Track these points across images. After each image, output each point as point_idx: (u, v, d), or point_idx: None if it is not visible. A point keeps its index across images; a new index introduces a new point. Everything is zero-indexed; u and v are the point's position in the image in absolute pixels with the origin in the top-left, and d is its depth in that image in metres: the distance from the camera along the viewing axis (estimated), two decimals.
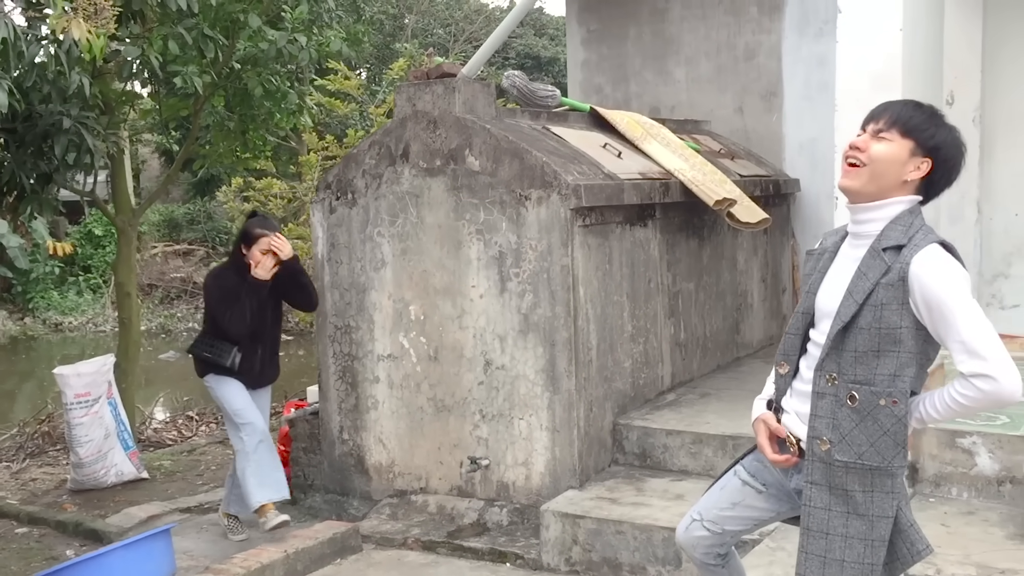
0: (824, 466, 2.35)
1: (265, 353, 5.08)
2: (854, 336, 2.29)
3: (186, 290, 17.91)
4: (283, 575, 4.59)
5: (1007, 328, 5.85)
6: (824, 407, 2.34)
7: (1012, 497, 4.08)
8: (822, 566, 2.33)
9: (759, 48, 7.21)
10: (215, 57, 5.87)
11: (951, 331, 2.23)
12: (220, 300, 4.89)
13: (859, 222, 2.37)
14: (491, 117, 5.14)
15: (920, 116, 2.33)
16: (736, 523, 2.62)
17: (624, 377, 5.23)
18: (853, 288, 2.31)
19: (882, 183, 2.31)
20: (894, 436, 2.30)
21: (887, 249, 2.28)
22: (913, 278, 2.24)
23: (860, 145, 2.33)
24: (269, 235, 4.90)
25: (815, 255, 2.49)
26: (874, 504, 2.31)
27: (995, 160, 5.81)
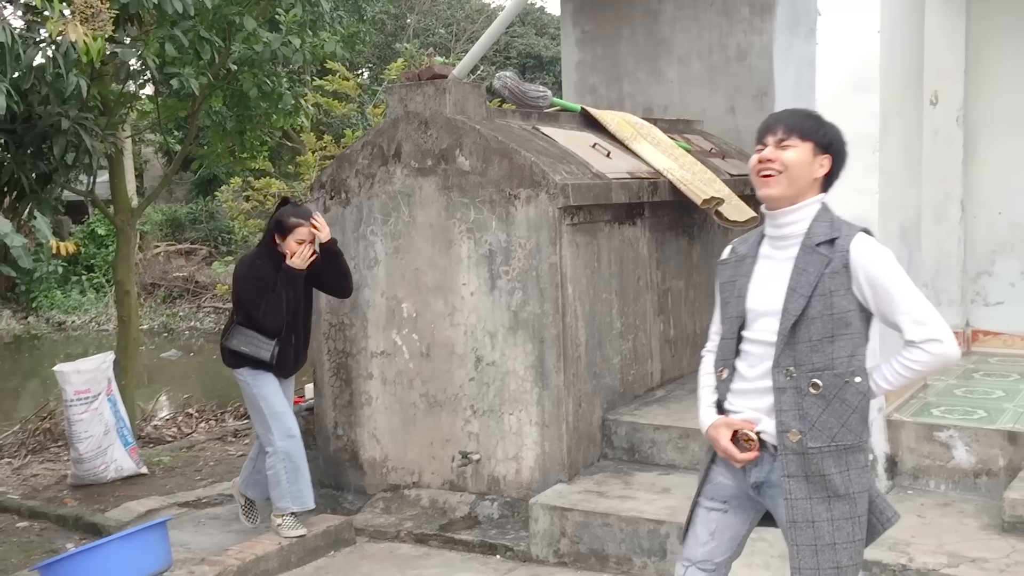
0: (798, 457, 2.43)
1: (299, 342, 4.94)
2: (806, 327, 2.42)
3: (188, 289, 18.01)
4: (277, 566, 4.69)
5: (991, 325, 5.96)
6: (787, 400, 2.44)
7: (987, 489, 4.17)
8: (815, 554, 2.42)
9: (750, 48, 7.29)
10: (211, 59, 5.96)
11: (896, 306, 2.42)
12: (256, 291, 4.72)
13: (782, 225, 2.53)
14: (481, 118, 5.23)
15: (810, 120, 2.53)
16: (721, 551, 2.69)
17: (613, 373, 5.32)
18: (796, 284, 2.44)
19: (798, 185, 2.49)
20: (861, 412, 2.45)
21: (820, 244, 2.44)
22: (856, 264, 2.42)
23: (770, 156, 2.48)
24: (305, 223, 4.74)
25: (731, 263, 2.62)
26: (852, 482, 2.43)
27: (978, 159, 5.90)
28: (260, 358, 4.75)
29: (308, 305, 4.99)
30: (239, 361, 4.84)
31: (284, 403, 4.88)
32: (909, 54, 4.65)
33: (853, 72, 4.20)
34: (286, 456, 4.80)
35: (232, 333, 4.85)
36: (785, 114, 2.55)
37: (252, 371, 4.82)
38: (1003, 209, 5.89)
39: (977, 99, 5.87)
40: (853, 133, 4.18)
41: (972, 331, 6.01)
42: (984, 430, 4.25)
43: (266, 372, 4.83)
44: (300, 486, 4.84)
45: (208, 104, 6.65)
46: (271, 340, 4.76)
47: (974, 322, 6.02)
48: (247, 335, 4.78)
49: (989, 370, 5.49)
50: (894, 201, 4.45)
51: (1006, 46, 5.78)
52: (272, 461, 4.84)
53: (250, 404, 4.93)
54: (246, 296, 4.77)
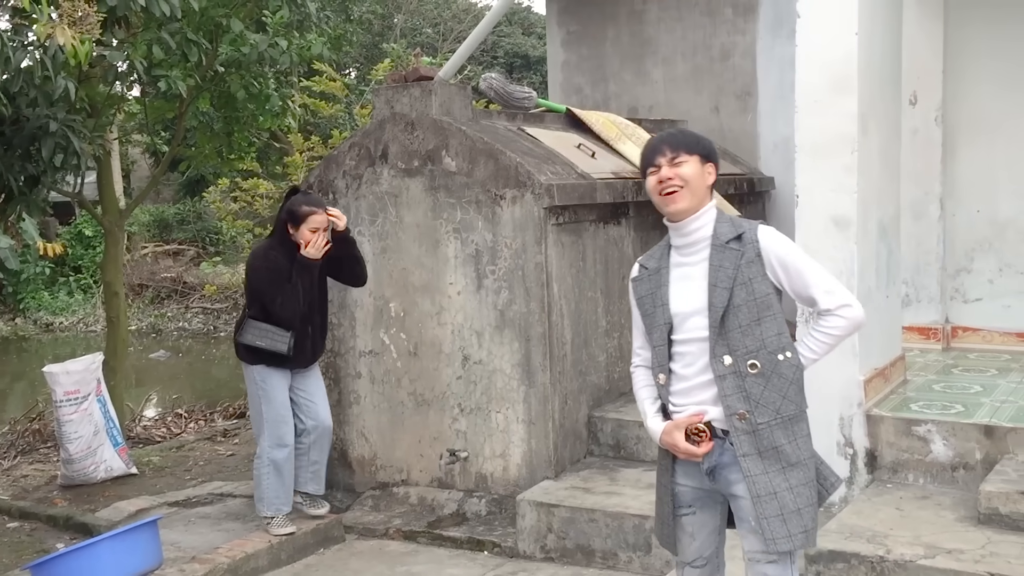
0: (749, 435, 2.61)
1: (316, 333, 4.90)
2: (734, 315, 2.62)
3: (176, 290, 17.98)
4: (267, 564, 4.74)
5: (970, 321, 6.05)
6: (729, 385, 2.62)
7: (964, 482, 4.25)
8: (783, 523, 2.58)
9: (734, 49, 7.36)
10: (199, 61, 6.00)
11: (808, 281, 2.66)
12: (270, 283, 4.63)
13: (689, 233, 2.71)
14: (467, 119, 5.29)
15: (689, 136, 2.75)
16: (707, 546, 2.85)
17: (599, 371, 5.38)
18: (715, 280, 2.64)
19: (698, 195, 2.69)
20: (797, 383, 2.66)
21: (729, 241, 2.66)
22: (767, 250, 2.65)
23: (670, 175, 2.67)
24: (318, 211, 4.66)
25: (644, 279, 2.80)
26: (801, 449, 2.64)
27: (957, 158, 5.99)
28: (277, 351, 4.68)
29: (323, 295, 4.93)
30: (255, 357, 4.77)
31: (286, 409, 4.83)
32: (888, 55, 4.72)
33: (832, 74, 4.27)
34: (271, 463, 4.83)
35: (245, 328, 4.77)
36: (666, 136, 2.76)
37: (266, 369, 4.76)
38: (981, 207, 5.98)
39: (955, 99, 5.96)
40: (832, 134, 4.32)
41: (951, 327, 6.09)
42: (961, 424, 4.33)
43: (280, 370, 4.79)
44: (279, 493, 4.88)
45: (195, 105, 6.68)
46: (287, 332, 4.69)
47: (953, 318, 6.11)
48: (261, 329, 4.70)
49: (968, 365, 5.58)
50: (873, 199, 4.53)
51: (982, 47, 5.87)
52: (258, 464, 4.89)
53: (252, 401, 4.93)
54: (261, 288, 4.69)
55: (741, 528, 2.69)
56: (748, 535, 2.66)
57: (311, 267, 4.66)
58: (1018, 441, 4.22)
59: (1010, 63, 5.79)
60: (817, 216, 4.36)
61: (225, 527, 5.48)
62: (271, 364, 4.76)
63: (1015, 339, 5.90)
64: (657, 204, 2.73)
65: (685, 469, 2.75)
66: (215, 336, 15.80)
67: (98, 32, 4.55)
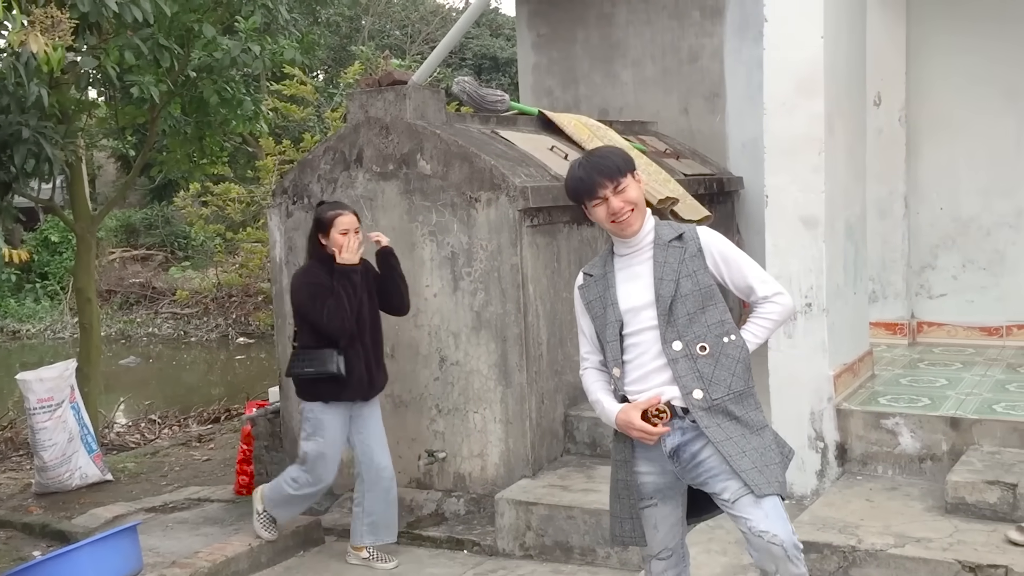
0: (705, 411, 2.78)
1: (370, 358, 4.59)
2: (682, 304, 2.79)
3: (145, 295, 17.85)
4: (248, 567, 4.75)
5: (935, 316, 6.19)
6: (683, 367, 2.79)
7: (932, 473, 4.36)
8: (760, 472, 2.74)
9: (702, 51, 7.47)
10: (171, 66, 6.00)
11: (745, 272, 2.89)
12: (312, 296, 4.41)
13: (636, 243, 2.89)
14: (441, 122, 5.34)
15: (615, 157, 2.90)
16: (672, 537, 2.97)
17: (574, 370, 5.43)
18: (661, 274, 2.82)
19: (644, 209, 2.90)
20: (744, 362, 2.85)
21: (671, 241, 2.87)
22: (707, 246, 2.88)
23: (622, 204, 2.81)
24: (344, 212, 4.50)
25: (591, 285, 2.95)
26: (754, 419, 2.82)
27: (921, 158, 6.12)
28: (328, 372, 4.42)
29: (375, 319, 4.66)
30: (313, 392, 4.53)
31: (334, 449, 4.61)
32: (852, 58, 4.83)
33: (799, 77, 4.37)
34: (299, 488, 4.70)
35: (295, 360, 4.55)
36: (597, 165, 2.86)
37: (323, 407, 4.52)
38: (944, 205, 6.12)
39: (918, 100, 6.10)
40: (800, 135, 4.41)
41: (917, 323, 6.23)
42: (928, 417, 4.44)
43: (337, 408, 4.54)
44: (283, 508, 4.83)
45: (167, 111, 6.67)
46: (334, 352, 4.44)
47: (919, 314, 6.24)
48: (309, 355, 4.47)
49: (933, 360, 5.71)
50: (840, 199, 4.63)
51: (944, 49, 6.01)
52: (292, 475, 4.71)
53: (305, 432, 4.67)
54: (305, 305, 4.47)
55: (716, 483, 2.78)
56: (725, 483, 2.77)
57: (351, 272, 4.42)
58: (983, 432, 4.34)
59: (970, 64, 5.94)
60: (786, 216, 4.45)
61: (204, 532, 5.49)
62: (328, 400, 4.52)
63: (978, 333, 6.05)
64: (611, 230, 2.88)
65: (647, 457, 2.86)
66: (185, 341, 15.71)
67: (70, 39, 4.55)
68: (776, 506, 2.76)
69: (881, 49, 5.93)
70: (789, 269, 4.41)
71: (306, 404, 4.59)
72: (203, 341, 15.46)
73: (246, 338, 14.90)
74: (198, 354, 14.76)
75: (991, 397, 4.74)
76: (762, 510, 2.73)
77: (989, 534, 3.73)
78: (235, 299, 15.77)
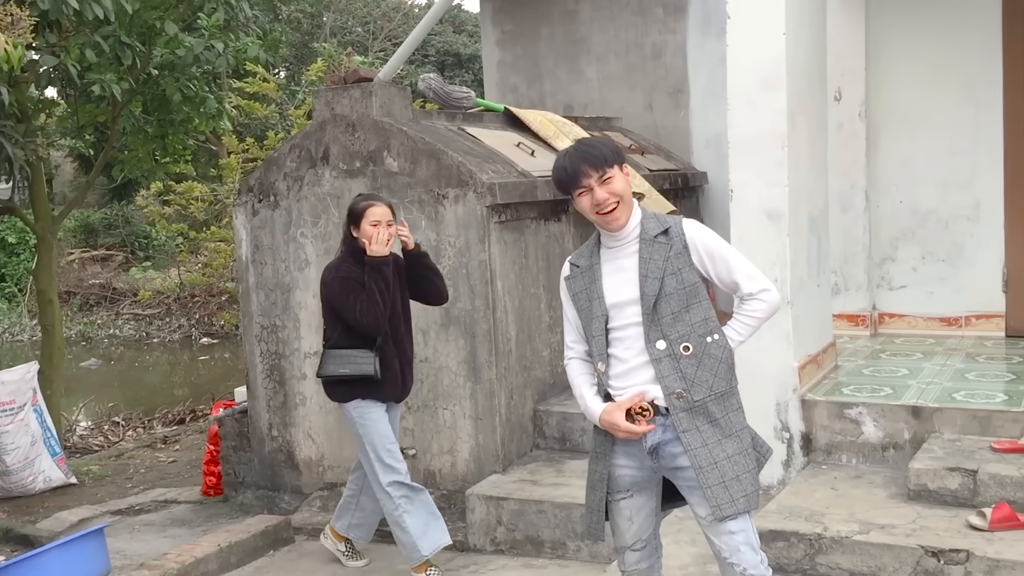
0: (687, 413, 2.77)
1: (403, 359, 4.43)
2: (666, 302, 2.78)
3: (105, 296, 17.60)
4: (217, 568, 4.73)
5: (895, 307, 6.31)
6: (666, 367, 2.78)
7: (895, 461, 4.45)
8: (725, 489, 2.75)
9: (665, 47, 7.53)
10: (132, 64, 5.93)
11: (733, 268, 2.85)
12: (344, 292, 4.23)
13: (623, 237, 2.86)
14: (408, 119, 5.34)
15: (603, 147, 2.85)
16: (645, 528, 2.99)
17: (543, 366, 5.48)
18: (647, 271, 2.79)
19: (630, 203, 2.86)
20: (726, 361, 2.83)
21: (657, 236, 2.83)
22: (693, 241, 2.84)
23: (606, 195, 2.79)
24: (375, 203, 4.30)
25: (577, 276, 2.92)
26: (733, 422, 2.82)
27: (880, 151, 6.23)
28: (364, 374, 4.25)
29: (406, 316, 4.49)
30: (346, 393, 4.33)
31: (390, 438, 4.37)
32: (813, 54, 4.90)
33: (761, 72, 4.43)
34: (403, 497, 4.34)
35: (325, 361, 4.35)
36: (584, 154, 2.81)
37: (362, 403, 4.31)
38: (904, 198, 6.23)
39: (877, 95, 6.20)
40: (763, 130, 4.48)
41: (878, 314, 6.34)
42: (890, 406, 4.53)
43: (375, 402, 4.34)
44: (430, 523, 4.39)
45: (129, 109, 6.59)
46: (371, 353, 4.27)
47: (880, 305, 6.35)
48: (342, 355, 4.30)
49: (894, 350, 5.82)
50: (803, 193, 4.70)
51: (902, 45, 6.11)
52: (388, 507, 4.35)
53: (356, 442, 4.43)
54: (336, 299, 4.27)
55: (694, 496, 2.82)
56: (700, 501, 2.80)
57: (381, 265, 4.22)
58: (944, 420, 4.43)
59: (928, 60, 6.05)
60: (751, 209, 4.52)
61: (171, 533, 5.46)
62: (366, 397, 4.33)
63: (938, 324, 6.17)
64: (596, 221, 2.84)
65: (627, 451, 2.87)
66: (148, 343, 15.51)
67: (30, 36, 4.49)
68: (744, 529, 2.78)
69: (841, 45, 6.02)
70: (754, 262, 4.28)
71: (346, 406, 4.37)
72: (166, 342, 15.28)
73: (210, 338, 14.75)
74: (161, 355, 14.58)
75: (951, 386, 4.84)
76: (731, 536, 2.77)
77: (951, 519, 3.82)
78: (198, 299, 15.60)
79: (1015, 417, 4.32)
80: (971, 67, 5.96)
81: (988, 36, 5.92)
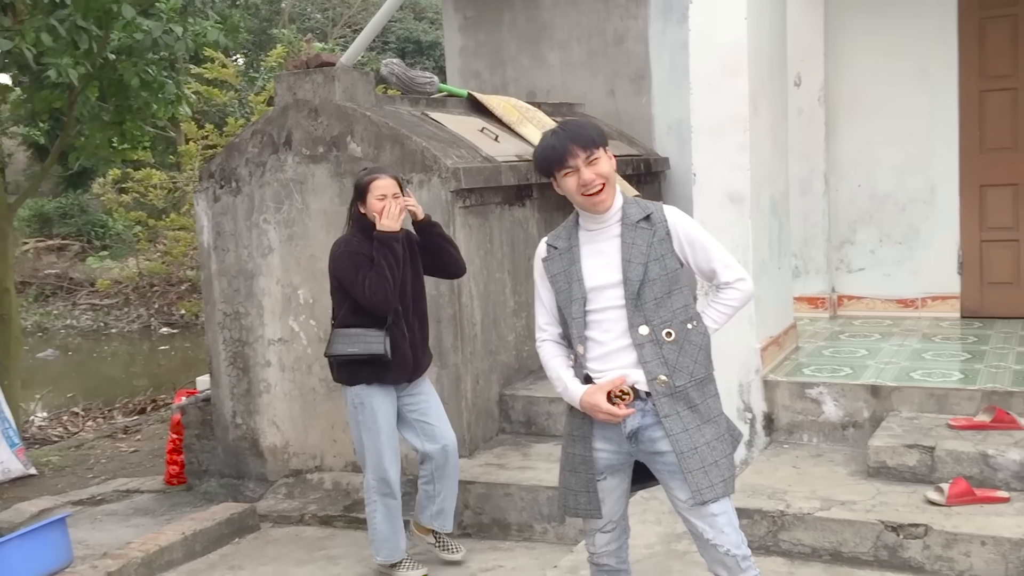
0: (668, 398, 2.79)
1: (415, 337, 4.21)
2: (649, 288, 2.78)
3: (62, 286, 17.32)
4: (182, 556, 4.70)
5: (854, 290, 6.41)
6: (648, 353, 2.78)
7: (854, 440, 4.53)
8: (705, 474, 2.77)
9: (627, 33, 7.55)
10: (89, 48, 5.83)
11: (711, 256, 2.87)
12: (353, 266, 4.03)
13: (605, 220, 2.85)
14: (371, 104, 5.31)
15: (590, 128, 2.83)
16: (616, 510, 2.99)
17: (508, 350, 5.50)
18: (630, 256, 2.79)
19: (615, 185, 2.85)
20: (705, 349, 2.86)
21: (639, 221, 2.83)
22: (675, 227, 2.85)
23: (593, 175, 2.77)
24: (381, 176, 4.09)
25: (556, 258, 2.90)
26: (711, 408, 2.85)
27: (839, 136, 6.31)
28: (373, 354, 4.04)
29: (419, 293, 4.29)
30: (353, 376, 4.14)
31: (390, 437, 4.19)
32: (774, 39, 4.95)
33: (723, 58, 4.47)
34: (379, 501, 4.24)
35: (333, 340, 4.14)
36: (571, 134, 2.80)
37: (366, 389, 4.12)
38: (862, 182, 6.33)
39: (837, 80, 6.28)
40: (726, 114, 4.52)
41: (837, 296, 6.44)
42: (850, 385, 4.61)
43: (383, 390, 4.15)
44: (389, 535, 4.28)
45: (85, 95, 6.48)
46: (380, 332, 4.06)
47: (839, 288, 6.45)
48: (351, 335, 4.09)
49: (853, 331, 5.91)
50: (764, 176, 4.76)
51: (860, 30, 6.19)
52: (367, 501, 4.28)
53: (352, 430, 4.28)
54: (345, 275, 4.07)
55: (673, 480, 2.81)
56: (680, 486, 2.80)
57: (391, 240, 4.01)
58: (902, 399, 4.52)
59: (886, 44, 6.14)
60: (713, 193, 4.56)
61: (134, 523, 5.42)
62: (372, 382, 4.13)
63: (895, 305, 6.28)
64: (580, 204, 2.81)
65: (605, 435, 2.86)
66: (106, 333, 15.31)
67: None
68: (725, 511, 2.80)
69: (801, 31, 6.08)
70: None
71: (349, 390, 4.18)
72: (124, 332, 15.09)
73: (170, 328, 14.58)
74: (120, 345, 14.40)
75: (908, 365, 4.94)
76: (713, 519, 2.78)
77: (909, 495, 3.90)
78: (157, 288, 15.41)
79: (970, 395, 4.42)
80: (927, 54, 6.06)
81: (944, 24, 6.02)
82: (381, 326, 4.08)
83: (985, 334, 5.63)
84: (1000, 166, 6.01)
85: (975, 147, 6.05)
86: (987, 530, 3.54)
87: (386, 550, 4.29)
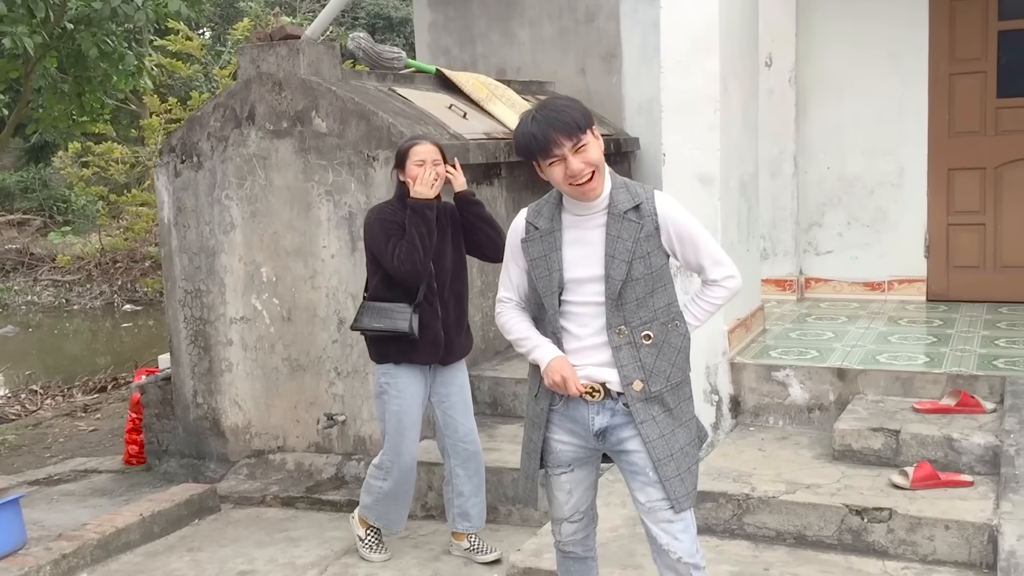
0: (643, 403, 2.68)
1: (448, 317, 4.00)
2: (631, 288, 2.64)
3: (23, 262, 17.00)
4: (140, 538, 4.61)
5: (822, 272, 6.42)
6: (625, 356, 2.66)
7: (820, 423, 4.53)
8: (682, 482, 2.70)
9: (599, 11, 7.47)
10: (46, 17, 5.66)
11: (700, 251, 2.72)
12: (384, 235, 3.85)
13: (592, 207, 2.66)
14: (337, 79, 5.20)
15: (574, 111, 2.60)
16: (583, 501, 2.91)
17: (475, 330, 5.41)
18: (614, 251, 2.62)
19: (604, 169, 2.65)
20: (684, 351, 2.74)
21: (627, 212, 2.64)
22: (665, 219, 2.66)
23: (582, 165, 2.57)
24: (420, 141, 3.95)
25: (536, 240, 2.71)
26: (684, 411, 2.75)
27: (809, 118, 6.30)
28: (397, 330, 3.86)
29: (458, 273, 4.07)
30: (381, 353, 3.98)
31: (412, 420, 4.02)
32: (745, 18, 4.90)
33: (695, 36, 4.41)
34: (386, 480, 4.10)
35: (361, 313, 3.99)
36: (554, 121, 2.58)
37: (393, 368, 3.95)
38: (831, 164, 6.32)
39: (807, 61, 6.26)
40: (696, 94, 4.47)
41: (805, 279, 6.45)
42: (816, 368, 4.61)
43: (410, 370, 3.97)
44: (389, 509, 4.19)
45: (42, 65, 6.30)
46: (408, 307, 3.88)
47: (806, 270, 6.46)
48: (378, 309, 3.92)
49: (820, 314, 5.92)
50: (734, 157, 4.72)
51: (832, 12, 6.17)
52: (373, 471, 4.15)
53: (377, 407, 4.15)
54: (374, 243, 3.89)
55: (636, 481, 2.74)
56: (645, 487, 2.72)
57: (425, 208, 3.81)
58: (867, 382, 4.53)
59: (856, 27, 6.12)
60: (683, 173, 4.51)
61: (92, 503, 5.32)
62: (400, 361, 3.96)
63: (862, 288, 6.30)
64: (569, 192, 2.64)
65: (571, 428, 2.78)
66: (68, 309, 15.06)
67: None
68: (684, 518, 2.73)
69: (773, 11, 6.05)
70: None
71: (377, 367, 4.04)
72: (87, 309, 14.85)
73: (133, 305, 14.36)
74: (81, 322, 14.17)
75: (874, 348, 4.94)
76: (670, 524, 2.71)
77: (874, 479, 3.90)
78: (120, 265, 15.17)
79: (936, 378, 4.43)
80: (898, 38, 6.05)
81: (915, 7, 6.01)
82: (411, 301, 3.90)
83: (951, 318, 5.66)
84: (968, 150, 6.03)
85: (944, 130, 6.06)
86: (951, 514, 3.54)
87: (374, 515, 4.18)
